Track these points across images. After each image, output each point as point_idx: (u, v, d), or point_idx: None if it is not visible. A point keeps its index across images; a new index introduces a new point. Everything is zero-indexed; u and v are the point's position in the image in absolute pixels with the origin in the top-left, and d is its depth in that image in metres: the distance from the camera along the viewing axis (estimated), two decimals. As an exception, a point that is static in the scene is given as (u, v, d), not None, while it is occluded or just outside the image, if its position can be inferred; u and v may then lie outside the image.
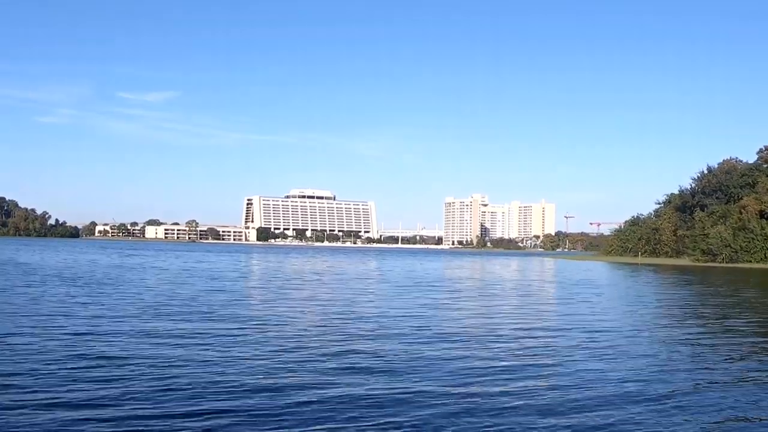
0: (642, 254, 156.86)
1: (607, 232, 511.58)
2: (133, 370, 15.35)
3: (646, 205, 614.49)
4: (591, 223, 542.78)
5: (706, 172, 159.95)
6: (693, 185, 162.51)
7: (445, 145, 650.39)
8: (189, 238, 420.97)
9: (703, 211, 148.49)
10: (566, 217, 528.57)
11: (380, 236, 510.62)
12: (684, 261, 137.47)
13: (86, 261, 78.59)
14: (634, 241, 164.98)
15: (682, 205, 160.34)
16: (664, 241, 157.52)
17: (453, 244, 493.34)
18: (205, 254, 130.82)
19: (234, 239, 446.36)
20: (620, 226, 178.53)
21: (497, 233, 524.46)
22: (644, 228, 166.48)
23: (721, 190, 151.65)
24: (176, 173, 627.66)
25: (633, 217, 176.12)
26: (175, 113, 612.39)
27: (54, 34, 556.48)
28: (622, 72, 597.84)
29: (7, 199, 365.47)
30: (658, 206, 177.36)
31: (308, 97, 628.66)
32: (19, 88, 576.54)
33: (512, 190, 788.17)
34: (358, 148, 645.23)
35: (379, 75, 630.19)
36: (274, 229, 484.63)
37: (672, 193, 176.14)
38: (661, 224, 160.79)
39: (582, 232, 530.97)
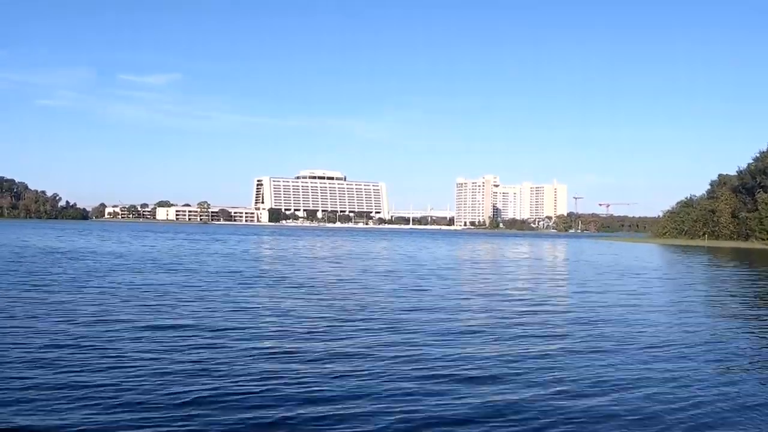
0: (701, 236, 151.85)
1: (617, 213, 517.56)
2: None
3: (653, 188, 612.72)
4: (600, 204, 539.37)
5: (765, 151, 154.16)
6: (752, 165, 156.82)
7: (454, 126, 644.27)
8: (201, 219, 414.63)
9: (766, 192, 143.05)
10: (575, 198, 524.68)
11: (391, 217, 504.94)
12: (754, 244, 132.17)
13: (176, 248, 72.29)
14: (689, 223, 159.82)
15: (741, 186, 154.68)
16: (722, 223, 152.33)
17: (465, 224, 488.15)
18: (257, 236, 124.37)
19: (246, 220, 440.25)
20: (674, 208, 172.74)
21: (509, 214, 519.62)
22: (699, 210, 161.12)
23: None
24: (183, 155, 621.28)
25: (686, 198, 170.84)
26: (178, 96, 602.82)
27: (52, 16, 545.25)
28: (633, 58, 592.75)
29: (16, 181, 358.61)
30: (709, 187, 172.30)
31: (314, 80, 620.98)
32: (18, 72, 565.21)
33: (521, 170, 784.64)
34: (367, 130, 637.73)
35: (388, 57, 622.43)
36: (285, 210, 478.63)
37: (722, 174, 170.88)
38: (718, 206, 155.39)
39: (593, 213, 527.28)
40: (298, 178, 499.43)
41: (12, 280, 32.78)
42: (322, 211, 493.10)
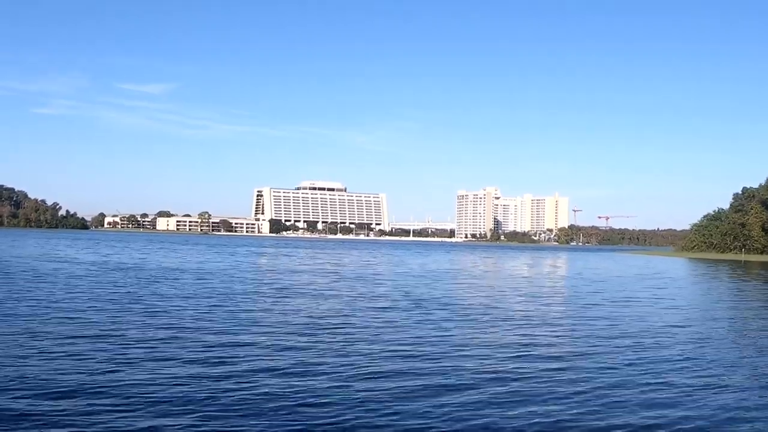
0: (732, 250, 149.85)
1: (616, 226, 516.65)
2: None
3: (652, 202, 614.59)
4: (599, 217, 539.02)
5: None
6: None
7: (455, 137, 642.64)
8: (201, 230, 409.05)
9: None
10: (574, 211, 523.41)
11: (392, 229, 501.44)
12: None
13: (232, 264, 68.83)
14: (718, 237, 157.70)
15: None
16: (753, 237, 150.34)
17: (466, 236, 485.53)
18: (284, 249, 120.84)
19: (246, 231, 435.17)
20: (702, 221, 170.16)
21: (509, 226, 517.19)
22: (727, 224, 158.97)
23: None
24: (181, 165, 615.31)
25: (714, 211, 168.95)
26: (175, 105, 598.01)
27: (49, 23, 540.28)
28: (634, 72, 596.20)
29: (16, 189, 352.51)
30: (732, 200, 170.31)
31: (313, 90, 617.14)
32: (16, 80, 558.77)
33: (522, 183, 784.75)
34: (368, 141, 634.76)
35: (389, 68, 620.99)
36: (285, 221, 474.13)
37: (746, 187, 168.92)
38: (748, 219, 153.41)
39: (593, 226, 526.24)
40: (298, 189, 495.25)
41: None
42: (323, 222, 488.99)
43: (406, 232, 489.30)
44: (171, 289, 36.00)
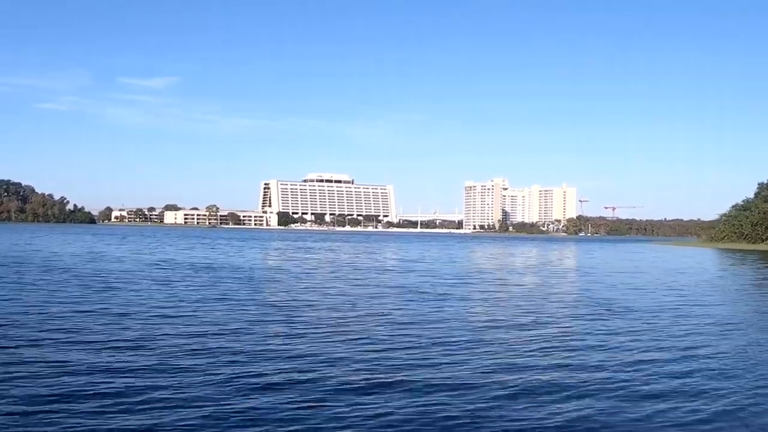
0: (764, 241, 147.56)
1: (623, 217, 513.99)
2: None
3: (657, 192, 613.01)
4: (606, 207, 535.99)
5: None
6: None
7: (462, 129, 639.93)
8: (209, 223, 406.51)
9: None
10: (581, 201, 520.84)
11: (399, 220, 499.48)
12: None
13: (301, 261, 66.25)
14: (749, 227, 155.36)
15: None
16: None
17: (474, 228, 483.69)
18: (320, 243, 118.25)
19: (255, 224, 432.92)
20: (730, 211, 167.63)
21: (517, 217, 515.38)
22: (757, 214, 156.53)
23: None
24: (186, 159, 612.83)
25: (743, 201, 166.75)
26: (178, 99, 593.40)
27: (47, 22, 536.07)
28: (640, 62, 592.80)
29: (23, 184, 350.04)
30: (757, 191, 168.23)
31: (318, 83, 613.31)
32: (20, 75, 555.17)
33: (530, 173, 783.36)
34: (374, 133, 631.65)
35: (395, 59, 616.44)
36: (292, 213, 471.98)
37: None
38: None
39: (600, 216, 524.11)
40: (305, 181, 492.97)
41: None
42: (330, 214, 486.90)
43: (414, 224, 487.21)
44: (310, 297, 32.39)
